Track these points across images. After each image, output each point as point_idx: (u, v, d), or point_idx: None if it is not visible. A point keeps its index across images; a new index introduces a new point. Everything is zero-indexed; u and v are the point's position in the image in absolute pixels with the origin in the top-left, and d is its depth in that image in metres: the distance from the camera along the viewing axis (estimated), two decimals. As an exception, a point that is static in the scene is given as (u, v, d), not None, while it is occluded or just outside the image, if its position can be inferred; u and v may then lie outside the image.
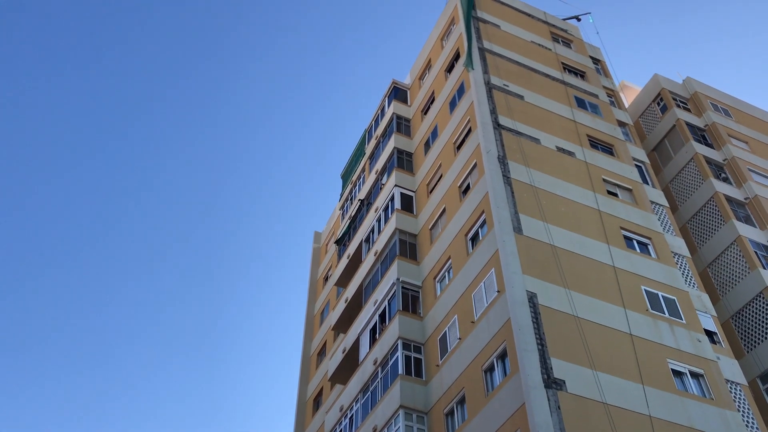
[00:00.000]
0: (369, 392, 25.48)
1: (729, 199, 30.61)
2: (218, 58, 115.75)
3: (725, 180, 32.05)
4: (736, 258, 28.05)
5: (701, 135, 34.70)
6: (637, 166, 30.53)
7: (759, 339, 25.66)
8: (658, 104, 36.43)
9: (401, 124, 35.03)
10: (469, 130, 28.04)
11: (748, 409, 21.60)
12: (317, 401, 33.74)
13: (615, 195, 26.97)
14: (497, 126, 26.72)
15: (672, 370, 20.90)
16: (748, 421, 21.19)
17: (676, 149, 33.89)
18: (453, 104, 30.70)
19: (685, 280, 25.53)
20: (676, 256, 26.39)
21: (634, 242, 25.16)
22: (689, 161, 32.63)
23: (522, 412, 17.98)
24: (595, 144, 29.33)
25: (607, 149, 29.47)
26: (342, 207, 39.56)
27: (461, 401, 21.35)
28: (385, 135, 35.40)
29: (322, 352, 35.48)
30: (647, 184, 29.94)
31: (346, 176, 41.03)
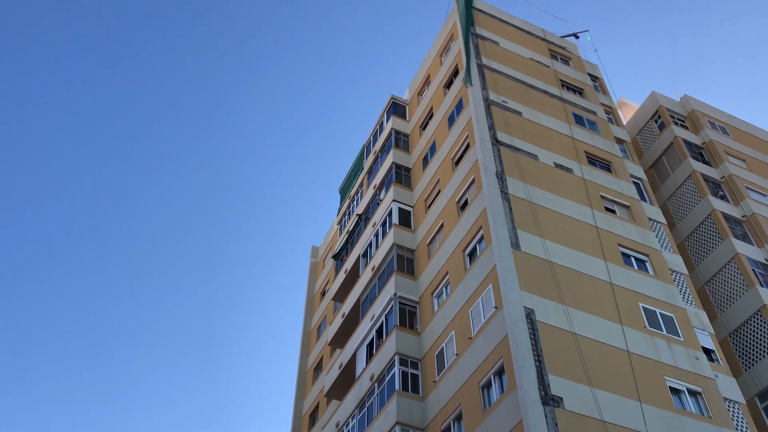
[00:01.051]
0: (365, 408, 25.32)
1: (726, 217, 30.65)
2: (220, 73, 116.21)
3: (723, 198, 32.11)
4: (734, 276, 28.03)
5: (699, 152, 34.81)
6: (634, 182, 30.59)
7: (757, 357, 25.58)
8: (656, 122, 36.58)
9: (400, 140, 35.12)
10: (468, 146, 28.11)
11: (746, 427, 21.49)
12: (313, 417, 33.52)
13: (613, 211, 27.00)
14: (495, 142, 26.78)
15: (670, 387, 20.81)
16: (746, 440, 21.08)
17: (673, 166, 33.99)
18: (451, 120, 30.80)
19: (683, 298, 25.49)
20: (674, 274, 26.37)
21: (632, 259, 25.15)
22: (687, 178, 32.71)
23: (519, 428, 17.86)
24: (593, 160, 29.40)
25: (605, 166, 29.53)
26: (340, 221, 39.54)
27: (458, 417, 21.21)
28: (384, 150, 35.47)
29: (318, 368, 35.30)
30: (645, 201, 29.98)
31: (344, 191, 41.07)
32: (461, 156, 28.48)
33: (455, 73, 32.80)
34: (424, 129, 34.11)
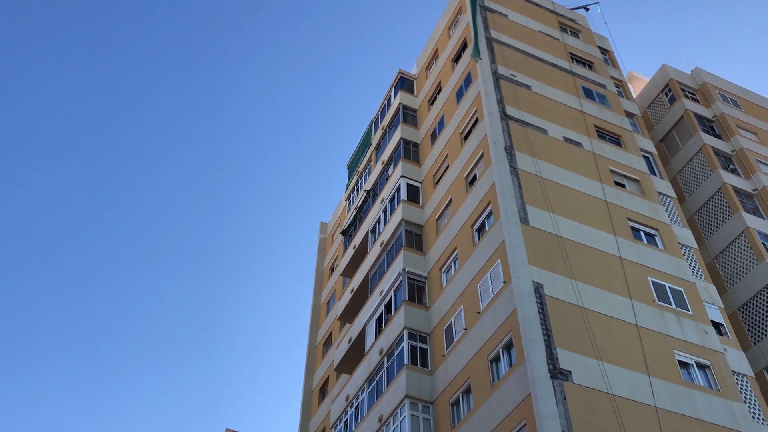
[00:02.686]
0: (375, 382, 25.54)
1: (737, 191, 30.46)
2: (225, 47, 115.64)
3: (733, 171, 31.87)
4: (744, 249, 27.92)
5: (710, 126, 34.49)
6: (644, 156, 30.39)
7: (766, 331, 25.56)
8: (666, 95, 36.21)
9: (408, 115, 34.94)
10: (476, 121, 27.94)
11: (755, 400, 21.55)
12: (323, 391, 33.85)
13: (622, 186, 26.86)
14: (504, 116, 26.61)
15: (678, 361, 20.86)
16: (754, 413, 21.15)
17: (684, 140, 33.71)
18: (460, 94, 30.59)
19: (692, 272, 25.44)
20: (684, 248, 26.29)
21: (642, 233, 25.07)
22: (697, 152, 32.46)
23: (528, 402, 17.98)
24: (603, 135, 29.19)
25: (615, 140, 29.33)
26: (348, 198, 39.55)
27: (467, 391, 21.37)
28: (392, 125, 35.33)
29: (328, 342, 35.57)
30: (655, 175, 29.80)
31: (352, 167, 41.01)
32: (470, 131, 28.33)
33: (464, 46, 32.50)
34: (432, 104, 33.91)
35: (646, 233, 25.19)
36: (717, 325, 23.67)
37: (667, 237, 25.30)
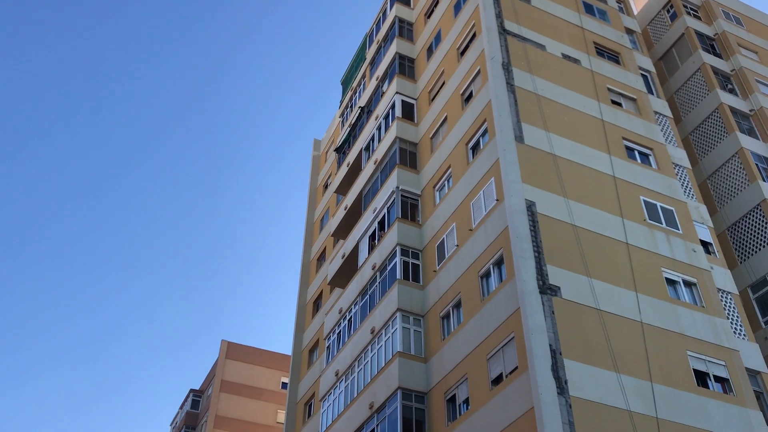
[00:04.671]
0: (367, 296, 26.04)
1: (734, 111, 30.25)
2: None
3: (731, 91, 31.55)
4: (737, 170, 28.01)
5: (710, 44, 33.86)
6: (642, 75, 29.98)
7: (753, 250, 26.00)
8: (668, 11, 35.35)
9: (404, 28, 34.10)
10: (474, 35, 27.33)
11: (737, 317, 22.15)
12: (317, 304, 34.55)
13: (619, 104, 26.61)
14: (503, 31, 26.01)
15: (666, 278, 21.28)
16: (736, 329, 21.78)
17: (683, 59, 33.17)
18: (457, 7, 29.77)
19: (685, 192, 25.61)
20: (677, 168, 26.35)
21: (636, 152, 25.05)
22: (696, 71, 32.01)
23: (516, 316, 18.43)
24: (602, 52, 28.67)
25: (614, 57, 28.84)
26: (342, 114, 39.13)
27: (457, 305, 21.85)
28: (387, 40, 34.55)
29: (321, 258, 36.02)
30: (652, 94, 29.50)
31: (346, 82, 40.35)
32: (467, 46, 27.75)
33: (462, -43, 31.35)
34: (429, 17, 33.05)
35: (640, 152, 25.17)
36: (706, 244, 24.04)
37: (661, 156, 25.31)
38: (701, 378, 19.31)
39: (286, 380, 53.16)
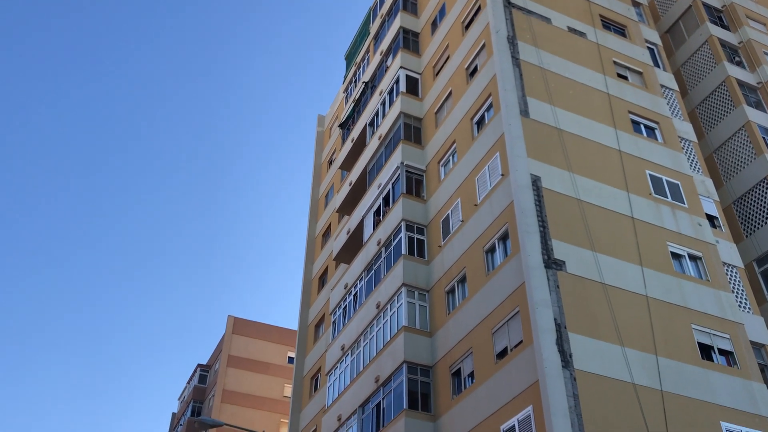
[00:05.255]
0: (372, 271, 26.15)
1: (741, 84, 29.97)
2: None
3: (739, 64, 31.24)
4: (744, 143, 27.85)
5: (718, 16, 33.45)
6: (649, 48, 29.69)
7: (759, 224, 25.94)
8: (676, -17, 34.87)
9: (408, 2, 33.77)
10: (479, 8, 27.05)
11: (743, 290, 22.19)
12: (322, 279, 34.72)
13: (625, 78, 26.41)
14: (507, 4, 25.74)
15: (671, 252, 21.29)
16: (741, 302, 21.83)
17: (690, 31, 32.80)
18: (462, -19, 29.42)
19: (690, 165, 25.50)
20: (683, 141, 26.22)
21: (642, 126, 24.92)
22: (703, 44, 31.66)
23: (521, 290, 18.50)
24: (608, 25, 28.38)
25: (620, 30, 28.55)
26: (346, 90, 38.93)
27: (462, 280, 21.93)
28: (391, 13, 34.24)
29: (327, 234, 36.12)
30: (658, 67, 29.23)
31: (350, 57, 40.09)
32: (471, 19, 27.49)
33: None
34: (432, -9, 32.67)
35: (646, 126, 25.03)
36: (711, 218, 24.00)
37: (667, 130, 25.17)
38: (705, 351, 19.40)
39: (292, 355, 53.62)
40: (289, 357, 53.87)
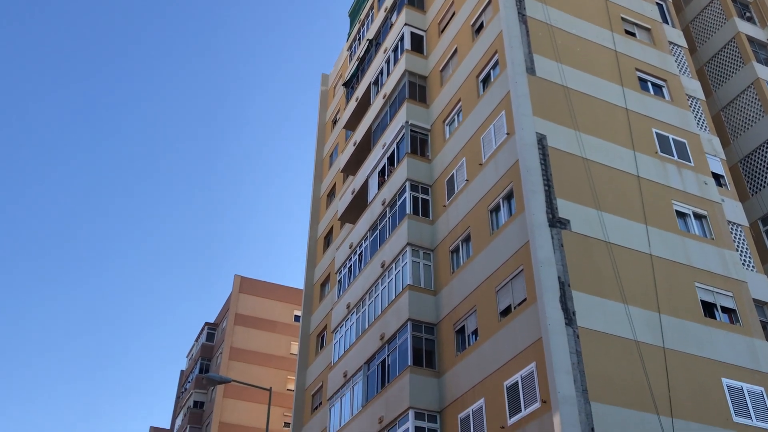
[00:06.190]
0: (377, 231, 26.23)
1: (751, 40, 29.50)
2: None
3: (749, 20, 30.70)
4: (752, 101, 27.54)
5: (729, -30, 32.74)
6: (657, 4, 29.16)
7: (765, 182, 25.83)
8: (687, -64, 34.06)
9: (412, -42, 33.09)
10: (484, -36, 26.52)
11: (747, 249, 22.21)
12: (327, 239, 34.87)
13: (633, 34, 26.01)
14: (514, -41, 25.21)
15: (676, 211, 21.26)
16: (745, 260, 21.87)
17: (701, -14, 32.16)
18: (468, -65, 28.80)
19: (698, 123, 25.28)
20: (691, 99, 25.94)
21: (649, 84, 24.64)
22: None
23: (526, 249, 18.56)
24: (617, -21, 27.81)
25: (629, -15, 27.98)
26: (350, 48, 38.48)
27: (466, 239, 22.00)
28: (395, -31, 33.60)
29: (331, 194, 36.14)
30: (667, 23, 28.75)
31: (354, 14, 39.52)
32: (477, -25, 26.96)
33: None
34: (438, -55, 32.01)
35: (653, 84, 24.75)
36: (717, 177, 23.90)
37: (675, 88, 24.89)
38: (708, 309, 19.53)
39: (298, 313, 54.19)
40: (295, 315, 54.45)
